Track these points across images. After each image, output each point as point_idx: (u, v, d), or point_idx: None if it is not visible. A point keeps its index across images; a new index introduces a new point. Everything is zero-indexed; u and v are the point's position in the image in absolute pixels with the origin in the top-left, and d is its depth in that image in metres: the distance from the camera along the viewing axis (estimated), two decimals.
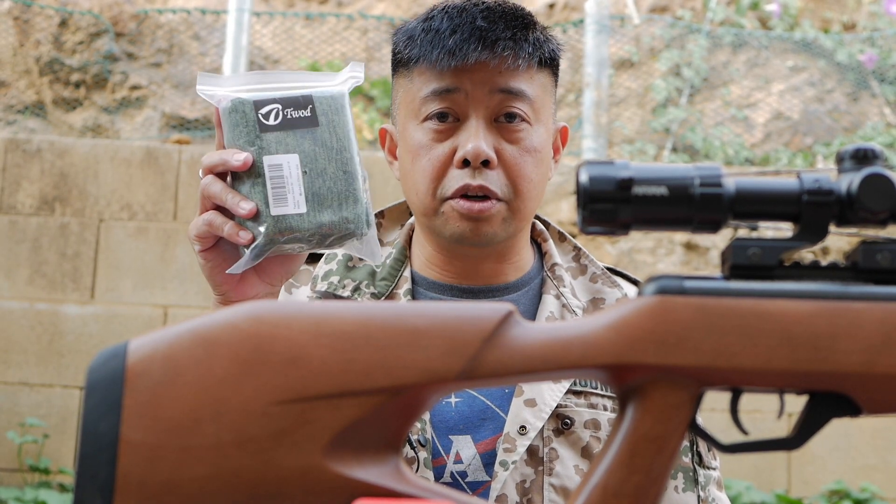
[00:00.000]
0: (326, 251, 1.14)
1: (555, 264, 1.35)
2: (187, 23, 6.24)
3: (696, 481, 1.28)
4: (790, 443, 0.73)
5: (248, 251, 1.07)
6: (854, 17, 6.50)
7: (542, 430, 1.25)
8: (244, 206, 1.06)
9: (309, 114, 1.10)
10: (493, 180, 1.24)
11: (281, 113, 1.09)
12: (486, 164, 1.23)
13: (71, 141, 4.74)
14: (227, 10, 5.23)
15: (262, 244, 1.07)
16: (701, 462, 1.29)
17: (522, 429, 1.24)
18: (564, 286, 1.33)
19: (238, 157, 1.07)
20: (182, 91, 6.07)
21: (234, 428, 0.69)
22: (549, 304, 1.32)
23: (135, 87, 6.05)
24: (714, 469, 1.31)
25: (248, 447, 0.69)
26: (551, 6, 6.47)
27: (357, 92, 6.17)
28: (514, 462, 1.23)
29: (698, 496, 1.27)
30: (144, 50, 6.14)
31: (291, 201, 1.08)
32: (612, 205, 0.73)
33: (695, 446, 1.29)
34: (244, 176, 1.08)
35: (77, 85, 6.01)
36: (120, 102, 6.02)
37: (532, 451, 1.24)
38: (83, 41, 6.03)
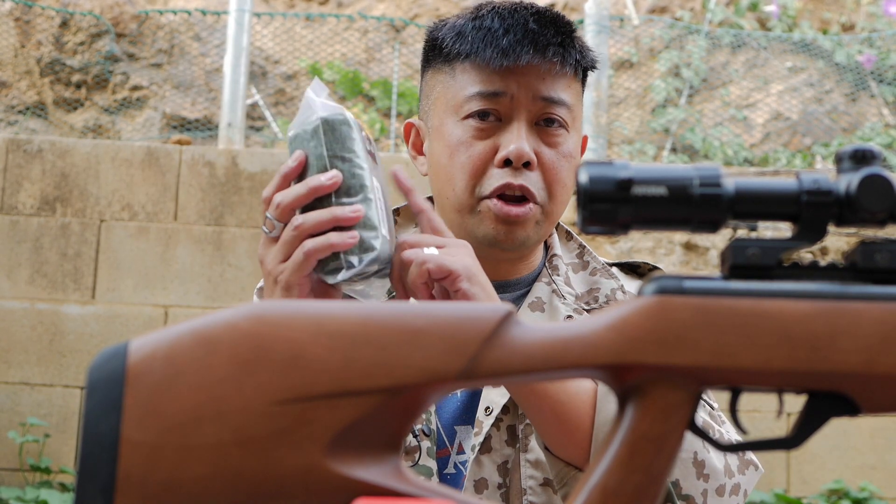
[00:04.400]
0: (356, 285, 1.12)
1: (554, 255, 1.36)
2: (188, 23, 6.24)
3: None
4: (789, 442, 0.74)
5: (358, 261, 1.04)
6: (853, 17, 6.50)
7: (517, 408, 1.25)
8: (353, 210, 1.04)
9: (373, 150, 1.12)
10: (533, 182, 1.25)
11: (369, 142, 1.11)
12: (526, 165, 1.25)
13: (72, 141, 4.74)
14: (227, 11, 5.23)
15: (373, 257, 1.05)
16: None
17: (487, 409, 1.25)
18: (558, 275, 1.34)
19: (325, 179, 1.05)
20: (183, 91, 6.07)
21: (234, 427, 0.69)
22: (539, 290, 1.33)
23: (136, 88, 6.06)
24: (714, 409, 1.31)
25: (248, 447, 0.69)
26: (551, 6, 6.47)
27: (357, 92, 6.18)
28: (480, 444, 1.24)
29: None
30: (145, 50, 6.14)
31: (387, 225, 1.08)
32: (611, 205, 0.73)
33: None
34: (352, 193, 1.05)
35: (78, 85, 6.01)
36: (121, 103, 6.03)
37: (511, 431, 1.25)
38: (84, 42, 6.03)
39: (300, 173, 1.08)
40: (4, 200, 4.58)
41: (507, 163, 1.24)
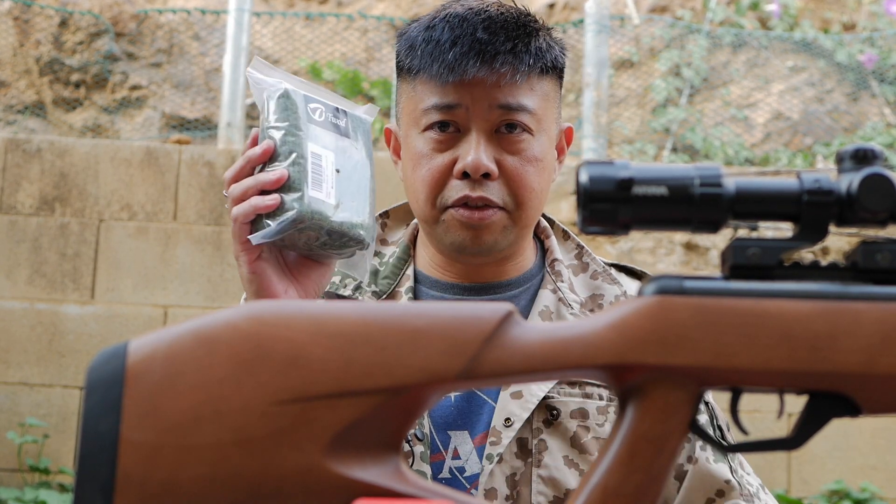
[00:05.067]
0: (328, 254, 1.16)
1: (555, 259, 1.35)
2: (187, 23, 6.24)
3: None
4: (790, 443, 0.73)
5: (274, 222, 1.10)
6: (854, 17, 6.50)
7: (531, 422, 1.25)
8: (272, 175, 1.10)
9: (343, 125, 1.18)
10: (494, 191, 1.24)
11: (324, 114, 1.16)
12: (486, 176, 1.23)
13: (71, 141, 4.74)
14: (227, 10, 5.23)
15: (291, 218, 1.09)
16: (723, 437, 1.29)
17: (507, 421, 1.24)
18: (562, 281, 1.33)
19: (258, 149, 1.12)
20: (182, 91, 6.07)
21: (234, 428, 0.69)
22: (545, 298, 1.32)
23: (135, 87, 6.06)
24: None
25: (248, 447, 0.69)
26: (551, 6, 6.47)
27: (357, 92, 6.18)
28: (499, 454, 1.23)
29: (730, 465, 1.27)
30: (144, 50, 6.14)
31: (325, 190, 1.12)
32: (612, 205, 0.73)
33: (714, 421, 1.29)
34: (281, 159, 1.12)
35: (77, 85, 6.01)
36: (120, 102, 6.02)
37: (522, 444, 1.25)
38: (83, 41, 6.03)
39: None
40: (3, 200, 4.58)
41: (465, 175, 1.23)
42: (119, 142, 5.06)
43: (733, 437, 1.32)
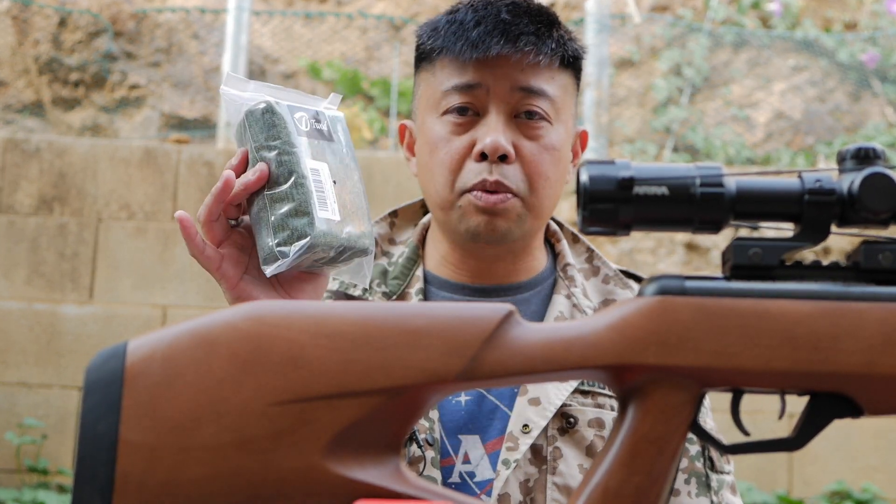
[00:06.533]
0: (331, 269, 1.13)
1: (567, 264, 1.34)
2: (186, 22, 6.24)
3: (708, 486, 1.27)
4: (791, 443, 0.73)
5: (290, 250, 1.04)
6: (855, 16, 6.50)
7: (546, 429, 1.24)
8: (256, 172, 1.06)
9: (325, 128, 1.11)
10: (510, 175, 1.23)
11: (308, 122, 1.10)
12: (503, 158, 1.23)
13: (70, 140, 4.74)
14: (226, 10, 5.23)
15: (307, 245, 1.04)
16: (713, 467, 1.29)
17: (525, 427, 1.24)
18: (576, 286, 1.32)
19: (251, 175, 1.07)
20: (181, 90, 6.06)
21: (233, 428, 0.69)
22: (559, 303, 1.31)
23: (134, 87, 6.05)
24: (727, 473, 1.30)
25: (247, 448, 0.69)
26: (551, 5, 6.47)
27: (356, 91, 6.18)
28: (515, 461, 1.23)
29: (711, 501, 1.27)
30: (143, 49, 6.14)
31: (330, 207, 1.07)
32: (612, 205, 0.72)
33: (706, 451, 1.29)
34: (281, 181, 1.06)
35: (76, 84, 6.01)
36: (119, 102, 6.02)
37: (536, 450, 1.24)
38: (82, 40, 6.03)
39: (245, 167, 1.10)
40: (2, 200, 4.58)
41: (483, 157, 1.23)
42: (118, 141, 5.06)
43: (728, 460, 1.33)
